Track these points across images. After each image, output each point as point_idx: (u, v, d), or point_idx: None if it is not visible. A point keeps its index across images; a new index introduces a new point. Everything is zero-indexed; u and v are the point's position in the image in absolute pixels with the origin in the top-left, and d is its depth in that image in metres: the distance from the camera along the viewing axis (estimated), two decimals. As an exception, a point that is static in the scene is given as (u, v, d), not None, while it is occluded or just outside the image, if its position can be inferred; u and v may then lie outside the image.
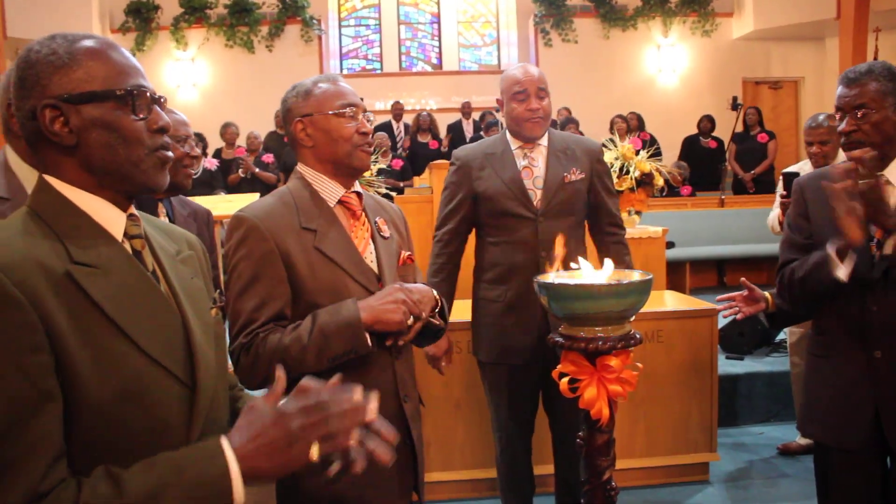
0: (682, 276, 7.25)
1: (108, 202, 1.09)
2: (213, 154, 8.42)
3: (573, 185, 2.62)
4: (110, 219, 1.09)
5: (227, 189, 7.66)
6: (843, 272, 1.92)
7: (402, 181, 7.55)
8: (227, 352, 1.50)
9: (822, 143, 3.44)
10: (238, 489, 0.98)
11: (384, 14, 12.21)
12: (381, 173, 4.92)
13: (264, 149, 8.39)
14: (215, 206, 3.31)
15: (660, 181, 4.43)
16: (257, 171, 7.92)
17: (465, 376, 3.30)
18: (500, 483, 2.84)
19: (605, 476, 1.66)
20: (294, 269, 1.73)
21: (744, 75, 11.32)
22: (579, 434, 1.70)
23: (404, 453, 1.83)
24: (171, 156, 1.14)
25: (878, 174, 1.96)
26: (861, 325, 2.00)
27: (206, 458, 0.98)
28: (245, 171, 7.89)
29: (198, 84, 10.93)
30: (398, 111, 9.85)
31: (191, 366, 1.10)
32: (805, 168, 3.57)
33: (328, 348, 1.66)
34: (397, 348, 1.80)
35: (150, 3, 10.73)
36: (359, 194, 1.88)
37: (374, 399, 1.06)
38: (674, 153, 9.11)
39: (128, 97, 1.08)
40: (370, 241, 1.85)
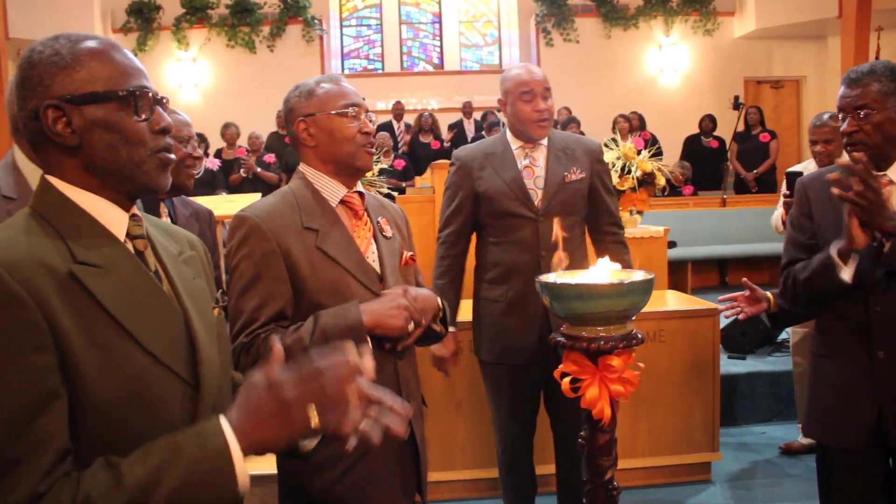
0: (683, 275, 7.25)
1: (111, 202, 1.09)
2: (213, 154, 8.42)
3: (573, 185, 2.62)
4: (113, 219, 1.09)
5: (229, 189, 7.67)
6: (847, 274, 1.91)
7: (404, 181, 7.55)
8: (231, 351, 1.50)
9: (827, 142, 3.43)
10: (240, 464, 0.96)
11: (385, 14, 12.22)
12: (382, 173, 4.92)
13: (266, 148, 8.39)
14: (217, 206, 3.31)
15: (661, 181, 4.43)
16: (259, 170, 7.92)
17: (467, 376, 3.30)
18: (501, 483, 2.84)
19: (607, 476, 1.66)
20: (296, 269, 1.73)
21: (745, 74, 11.31)
22: (581, 434, 1.70)
23: (407, 453, 1.83)
24: (173, 157, 1.13)
25: (880, 175, 1.96)
26: (864, 325, 2.00)
27: (203, 436, 0.97)
28: (247, 171, 7.89)
29: (199, 84, 10.93)
30: (399, 111, 9.85)
31: (194, 365, 1.10)
32: (809, 167, 3.57)
33: None
34: (397, 352, 1.80)
35: (152, 3, 10.73)
36: (361, 194, 1.88)
37: (368, 357, 1.03)
38: (675, 153, 9.09)
39: (130, 98, 1.08)
40: (372, 241, 1.85)
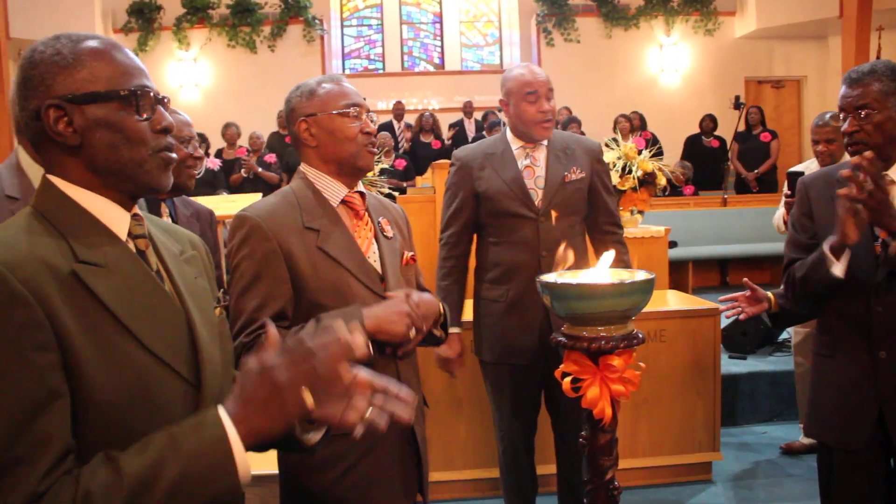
0: (684, 275, 7.25)
1: (112, 202, 1.09)
2: (214, 154, 8.42)
3: (574, 185, 2.62)
4: (114, 218, 1.09)
5: (230, 189, 7.67)
6: (839, 269, 1.92)
7: (405, 181, 7.55)
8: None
9: (829, 141, 3.42)
10: (240, 454, 0.96)
11: (386, 14, 12.22)
12: (383, 173, 4.92)
13: (267, 148, 8.39)
14: (218, 206, 3.31)
15: (662, 181, 4.42)
16: (260, 170, 7.92)
17: (468, 376, 3.29)
18: (502, 483, 2.84)
19: (608, 476, 1.66)
20: (297, 269, 1.73)
21: (746, 74, 11.30)
22: (582, 434, 1.70)
23: (408, 453, 1.83)
24: (174, 157, 1.13)
25: (882, 174, 1.96)
26: (866, 325, 2.00)
27: (202, 426, 0.96)
28: (247, 171, 7.90)
29: (200, 84, 10.93)
30: (399, 111, 9.85)
31: (196, 364, 1.10)
32: (811, 167, 3.56)
33: None
34: (398, 357, 1.81)
35: (153, 4, 10.74)
36: (362, 194, 1.88)
37: (358, 333, 1.01)
38: (676, 153, 9.09)
39: (131, 97, 1.08)
40: (373, 241, 1.85)
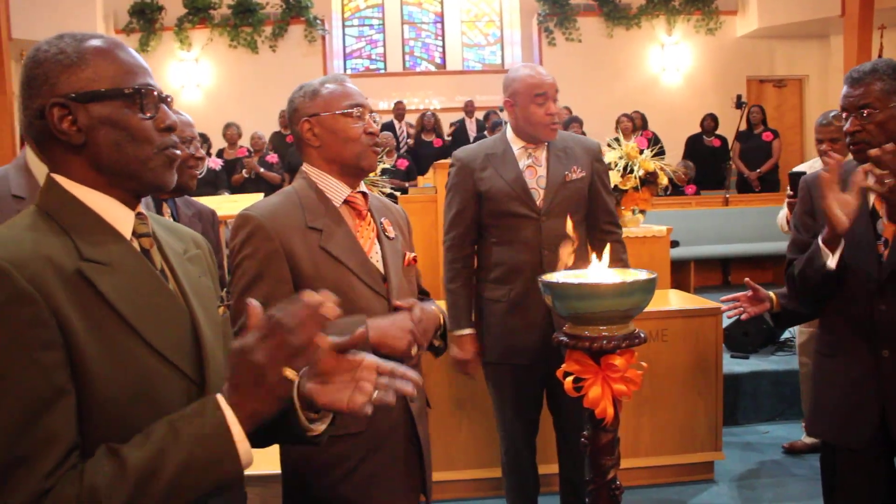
0: (686, 275, 7.24)
1: (117, 201, 1.10)
2: (215, 154, 8.43)
3: (574, 184, 2.63)
4: (119, 217, 1.09)
5: (231, 189, 7.68)
6: (832, 261, 1.93)
7: (407, 181, 7.55)
8: None
9: (833, 140, 3.41)
10: (241, 439, 0.96)
11: (388, 14, 12.21)
12: (385, 173, 4.92)
13: (269, 148, 8.39)
14: (220, 206, 3.32)
15: (664, 180, 4.42)
16: (262, 171, 7.93)
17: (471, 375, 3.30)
18: (504, 482, 2.83)
19: (610, 475, 1.66)
20: (299, 269, 1.73)
21: (748, 73, 11.28)
22: (584, 433, 1.70)
23: (411, 454, 1.83)
24: (179, 154, 1.14)
25: None
26: (869, 324, 1.99)
27: (202, 414, 0.97)
28: (249, 171, 7.90)
29: (202, 84, 10.93)
30: (400, 111, 9.84)
31: (199, 363, 1.10)
32: (816, 166, 3.56)
33: None
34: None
35: (154, 4, 10.74)
36: (364, 194, 1.88)
37: (328, 296, 1.01)
38: (677, 152, 9.08)
39: (135, 96, 1.08)
40: (376, 242, 1.85)
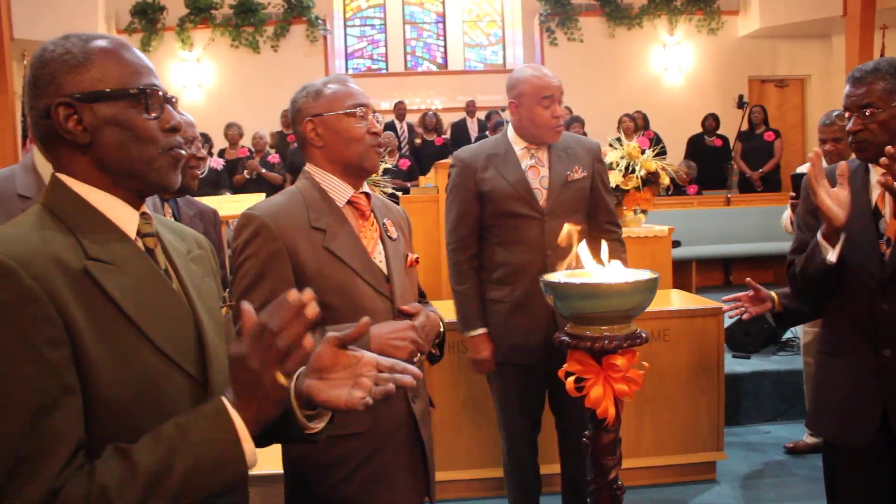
0: (688, 275, 7.24)
1: (121, 200, 1.10)
2: (217, 154, 8.43)
3: (576, 184, 2.63)
4: (123, 217, 1.10)
5: (233, 189, 7.69)
6: (833, 255, 1.93)
7: (409, 181, 7.55)
8: None
9: (836, 140, 3.40)
10: (246, 440, 0.98)
11: (389, 14, 12.21)
12: (386, 173, 4.92)
13: (272, 147, 8.40)
14: (222, 206, 3.32)
15: (665, 180, 4.42)
16: (263, 171, 7.94)
17: (472, 376, 3.30)
18: (506, 482, 2.84)
19: (612, 475, 1.66)
20: (303, 269, 1.73)
21: (750, 73, 11.27)
22: (585, 433, 1.70)
23: (414, 454, 1.83)
24: (183, 154, 1.14)
25: None
26: (870, 324, 1.99)
27: (209, 418, 0.98)
28: (250, 172, 7.91)
29: (203, 84, 10.94)
30: (401, 111, 9.83)
31: (203, 363, 1.10)
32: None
33: None
34: None
35: (156, 4, 10.74)
36: (367, 195, 1.88)
37: (306, 293, 0.99)
38: (679, 152, 9.08)
39: (141, 96, 1.09)
40: (379, 242, 1.85)
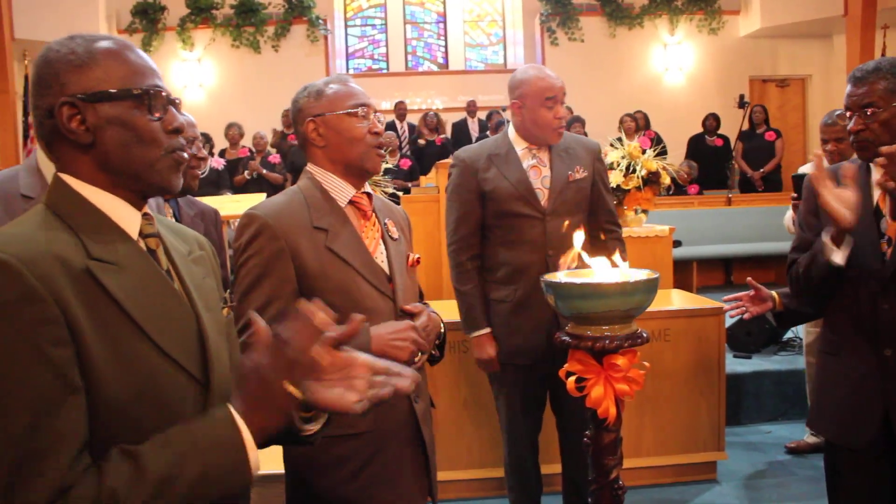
0: (689, 274, 7.23)
1: (124, 201, 1.10)
2: (217, 154, 8.44)
3: (577, 184, 2.64)
4: (125, 217, 1.10)
5: (234, 189, 7.69)
6: (839, 257, 1.93)
7: (410, 181, 7.56)
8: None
9: (838, 140, 3.40)
10: (252, 450, 1.00)
11: (390, 14, 12.22)
12: (387, 173, 4.92)
13: (273, 147, 8.40)
14: (223, 206, 3.32)
15: (666, 180, 4.41)
16: (265, 172, 7.95)
17: (473, 376, 3.30)
18: (507, 482, 2.84)
19: (613, 475, 1.66)
20: (305, 269, 1.73)
21: (751, 73, 11.27)
22: (586, 433, 1.70)
23: (416, 454, 1.84)
24: (186, 157, 1.14)
25: None
26: (871, 323, 1.99)
27: (217, 426, 1.00)
28: (251, 172, 7.92)
29: (204, 84, 10.94)
30: (402, 111, 9.83)
31: (204, 363, 1.11)
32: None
33: None
34: None
35: (157, 4, 10.74)
36: (369, 195, 1.88)
37: (319, 306, 1.02)
38: (680, 152, 9.08)
39: (144, 97, 1.09)
40: (380, 242, 1.85)
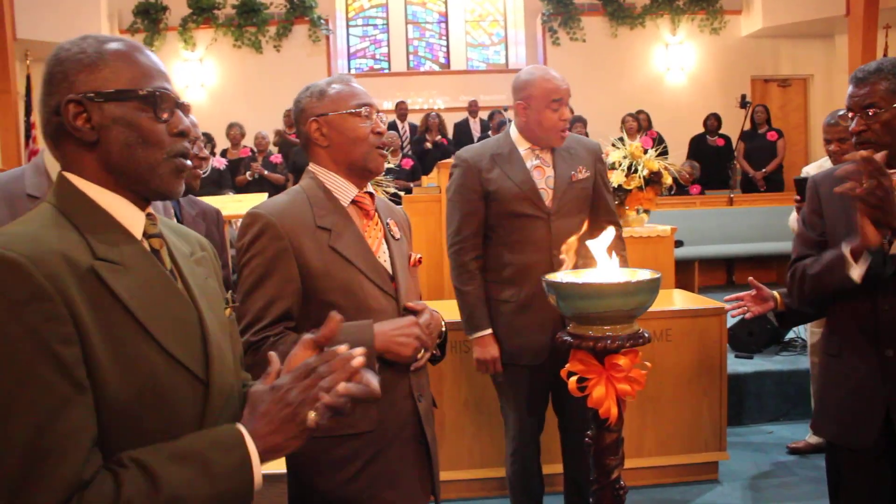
0: (690, 274, 7.23)
1: (127, 201, 1.11)
2: (219, 154, 8.45)
3: (580, 184, 2.65)
4: (130, 217, 1.10)
5: (235, 189, 7.70)
6: (856, 273, 1.91)
7: (412, 181, 7.56)
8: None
9: (841, 140, 3.39)
10: (257, 472, 1.04)
11: (392, 13, 12.22)
12: (389, 173, 4.92)
13: (276, 146, 8.41)
14: (225, 205, 3.32)
15: (668, 180, 4.41)
16: (266, 173, 7.96)
17: (474, 376, 3.30)
18: (509, 482, 2.84)
19: (614, 475, 1.66)
20: (308, 268, 1.73)
21: (752, 73, 11.26)
22: (588, 433, 1.70)
23: (419, 454, 1.84)
24: (189, 164, 1.14)
25: (893, 173, 1.95)
26: (872, 324, 1.99)
27: (228, 450, 1.03)
28: (253, 174, 7.93)
29: (206, 84, 10.95)
30: (403, 111, 9.83)
31: (206, 363, 1.11)
32: (825, 165, 3.55)
33: None
34: (408, 370, 1.82)
35: (159, 4, 10.76)
36: (371, 195, 1.89)
37: (358, 349, 1.08)
38: (681, 152, 9.07)
39: (150, 98, 1.09)
40: (383, 242, 1.86)
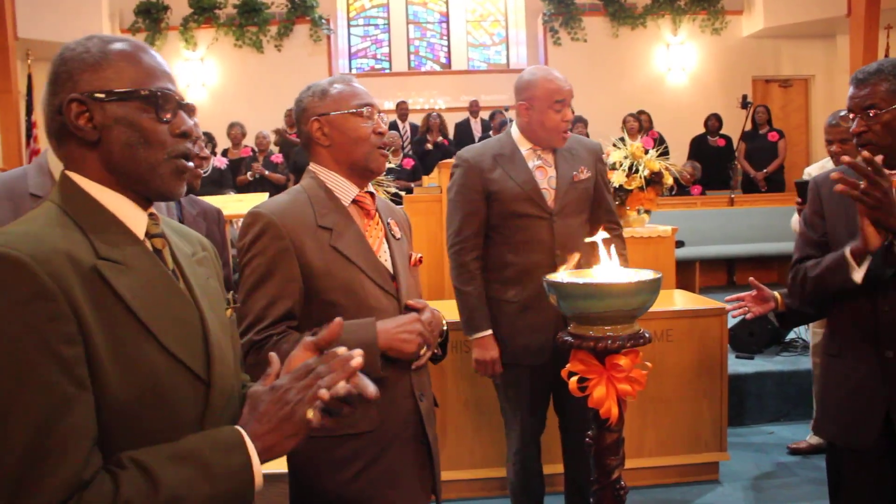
0: (691, 275, 7.23)
1: (130, 200, 1.11)
2: (220, 153, 8.45)
3: (582, 184, 2.65)
4: (132, 217, 1.11)
5: (236, 189, 7.71)
6: (858, 275, 1.92)
7: (413, 181, 7.56)
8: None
9: (843, 141, 3.39)
10: (258, 473, 1.05)
11: (393, 13, 12.22)
12: (390, 173, 4.92)
13: (276, 146, 8.42)
14: (226, 205, 3.32)
15: (669, 180, 4.41)
16: (267, 173, 7.96)
17: (475, 376, 3.30)
18: (510, 482, 2.84)
19: (615, 475, 1.66)
20: (310, 268, 1.73)
21: (754, 73, 11.25)
22: (588, 433, 1.70)
23: (420, 453, 1.84)
24: (190, 166, 1.14)
25: (892, 174, 1.95)
26: (872, 325, 1.99)
27: (228, 452, 1.04)
28: (254, 174, 7.94)
29: (207, 84, 10.95)
30: (403, 111, 9.83)
31: (207, 363, 1.11)
32: (827, 166, 3.56)
33: None
34: (409, 368, 1.82)
35: (160, 4, 10.76)
36: (372, 194, 1.89)
37: (357, 350, 1.11)
38: (682, 152, 9.07)
39: (153, 98, 1.09)
40: (384, 241, 1.86)
